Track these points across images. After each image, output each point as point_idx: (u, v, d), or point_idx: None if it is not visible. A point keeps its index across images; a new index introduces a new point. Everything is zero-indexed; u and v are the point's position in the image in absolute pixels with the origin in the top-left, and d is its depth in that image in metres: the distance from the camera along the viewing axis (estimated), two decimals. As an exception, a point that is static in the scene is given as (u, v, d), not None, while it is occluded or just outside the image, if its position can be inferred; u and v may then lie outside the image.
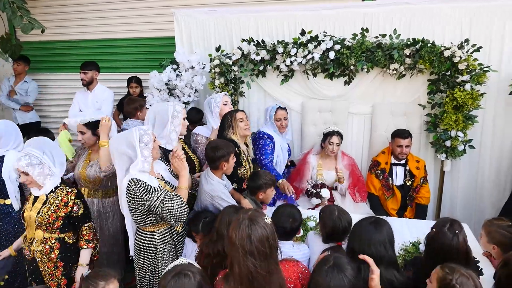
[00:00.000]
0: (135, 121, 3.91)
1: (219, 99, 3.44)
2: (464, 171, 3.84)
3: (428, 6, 3.56)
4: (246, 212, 1.71)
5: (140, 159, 2.30)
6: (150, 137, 2.35)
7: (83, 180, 2.97)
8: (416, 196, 3.57)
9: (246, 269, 1.62)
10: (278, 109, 3.60)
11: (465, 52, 3.35)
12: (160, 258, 2.44)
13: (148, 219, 2.37)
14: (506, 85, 3.48)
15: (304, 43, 3.69)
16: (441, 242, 1.97)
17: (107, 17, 5.10)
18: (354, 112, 3.95)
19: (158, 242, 2.43)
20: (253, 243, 1.61)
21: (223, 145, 2.72)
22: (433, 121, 3.65)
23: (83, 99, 4.44)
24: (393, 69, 3.59)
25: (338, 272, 1.57)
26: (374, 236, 1.91)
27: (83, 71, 4.33)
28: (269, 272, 1.64)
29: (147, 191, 2.27)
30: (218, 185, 2.69)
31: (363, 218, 2.03)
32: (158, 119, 2.84)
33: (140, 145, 2.31)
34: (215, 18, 4.03)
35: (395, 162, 3.59)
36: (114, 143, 2.41)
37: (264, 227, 1.65)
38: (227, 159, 2.69)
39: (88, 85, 4.40)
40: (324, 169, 3.66)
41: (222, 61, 3.86)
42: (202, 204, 2.73)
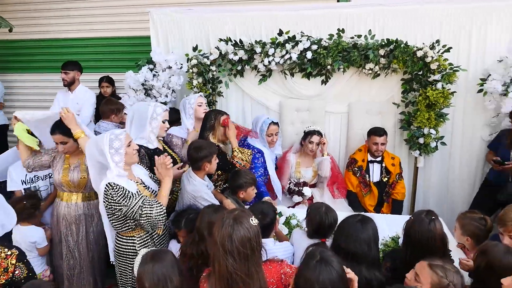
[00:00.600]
0: (108, 123, 3.84)
1: (193, 100, 3.41)
2: (436, 167, 3.99)
3: (401, 8, 3.67)
4: (232, 212, 1.70)
5: (111, 166, 2.24)
6: (122, 142, 2.28)
7: (66, 185, 2.86)
8: (392, 192, 3.68)
9: (225, 269, 1.61)
10: (270, 124, 3.48)
11: (436, 52, 3.48)
12: None
13: (126, 225, 2.32)
14: (474, 84, 3.64)
15: (282, 43, 3.72)
16: (419, 230, 2.05)
17: (80, 15, 4.98)
18: (331, 111, 4.02)
19: (138, 247, 2.37)
20: (234, 243, 1.60)
21: (206, 145, 2.70)
22: (407, 119, 3.78)
23: (64, 99, 4.31)
24: (369, 69, 3.68)
25: (326, 265, 1.58)
26: (360, 234, 1.95)
27: (64, 71, 4.20)
28: (249, 275, 1.63)
29: (125, 196, 2.21)
30: (200, 185, 2.68)
31: (351, 216, 2.06)
32: (136, 118, 2.81)
33: (110, 151, 2.24)
34: (192, 17, 4.01)
35: (372, 159, 3.69)
36: (87, 148, 2.34)
37: (248, 228, 1.63)
38: (210, 159, 2.68)
39: (69, 85, 4.26)
40: (302, 167, 3.72)
41: (199, 61, 3.85)
42: (184, 205, 2.71)
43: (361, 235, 1.95)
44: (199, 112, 3.40)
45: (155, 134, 2.86)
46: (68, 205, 2.89)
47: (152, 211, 2.22)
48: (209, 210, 2.32)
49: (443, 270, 1.66)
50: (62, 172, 2.85)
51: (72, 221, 2.89)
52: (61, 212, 2.89)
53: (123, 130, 2.40)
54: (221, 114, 3.16)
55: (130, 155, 2.34)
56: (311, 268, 1.60)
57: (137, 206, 2.21)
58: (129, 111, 2.89)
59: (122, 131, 2.37)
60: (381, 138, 3.57)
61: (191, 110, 3.39)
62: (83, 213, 2.91)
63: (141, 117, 2.80)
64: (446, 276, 1.64)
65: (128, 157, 2.32)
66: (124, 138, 2.31)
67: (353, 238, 1.94)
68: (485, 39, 3.62)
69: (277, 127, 3.55)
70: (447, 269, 1.66)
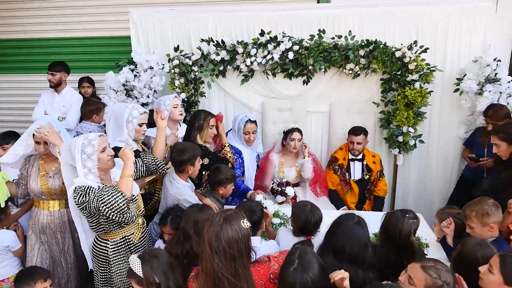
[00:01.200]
0: (89, 124, 3.77)
1: (168, 102, 3.33)
2: (415, 164, 4.10)
3: (379, 10, 3.76)
4: (225, 211, 1.71)
5: (81, 171, 2.16)
6: (95, 148, 2.18)
7: (47, 193, 2.72)
8: (375, 189, 3.76)
9: (211, 268, 1.62)
10: (247, 122, 3.46)
11: (414, 53, 3.57)
12: (114, 269, 2.33)
13: (100, 227, 2.27)
14: (450, 84, 3.75)
15: (264, 44, 3.75)
16: (393, 225, 2.15)
17: (60, 15, 4.88)
18: (312, 110, 4.07)
19: (110, 252, 2.32)
20: (221, 242, 1.60)
21: (189, 148, 2.68)
22: (387, 118, 3.86)
23: (50, 101, 4.20)
24: (349, 69, 3.74)
25: (305, 271, 1.62)
26: (358, 236, 1.95)
27: (51, 72, 4.09)
28: (235, 276, 1.62)
29: (85, 193, 2.12)
30: (184, 187, 2.67)
31: (345, 216, 2.06)
32: (113, 120, 2.77)
33: (82, 156, 2.16)
34: (173, 17, 3.98)
35: (352, 157, 3.75)
36: (62, 151, 2.27)
37: (237, 229, 1.63)
38: (193, 162, 2.67)
39: (56, 87, 4.15)
40: (285, 166, 3.75)
41: (181, 61, 3.83)
42: (168, 207, 2.70)
43: (359, 236, 1.95)
44: (175, 114, 3.34)
45: (132, 137, 2.80)
46: (50, 213, 2.76)
47: (108, 197, 2.08)
48: (193, 210, 2.32)
49: (436, 270, 1.69)
50: (40, 181, 2.70)
51: (56, 229, 2.77)
52: (44, 221, 2.76)
53: (97, 135, 2.28)
54: (211, 116, 3.16)
55: (103, 161, 2.24)
56: (288, 273, 1.64)
57: (96, 198, 2.09)
58: (107, 112, 2.82)
59: (96, 136, 2.25)
60: (358, 137, 3.63)
61: (166, 112, 3.31)
62: (67, 220, 2.79)
63: (118, 119, 2.74)
64: (439, 277, 1.67)
65: (101, 163, 2.23)
66: (97, 143, 2.21)
67: (351, 240, 1.94)
68: (460, 40, 3.74)
69: (254, 125, 3.51)
70: (439, 269, 1.69)
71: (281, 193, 3.50)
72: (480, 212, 2.26)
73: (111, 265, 2.33)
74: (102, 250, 2.34)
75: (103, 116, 3.80)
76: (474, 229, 2.29)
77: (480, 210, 2.27)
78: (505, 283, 1.73)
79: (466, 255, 1.98)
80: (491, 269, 1.79)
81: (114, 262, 2.33)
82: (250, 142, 3.54)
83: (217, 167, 2.98)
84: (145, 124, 2.86)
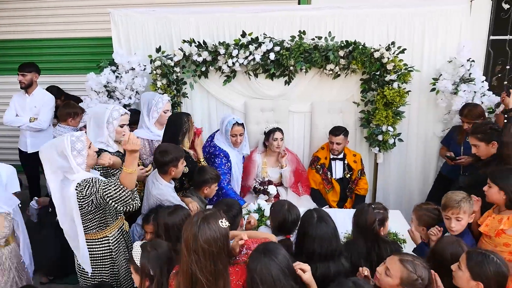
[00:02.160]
0: (64, 127, 3.74)
1: (161, 105, 3.31)
2: (395, 163, 4.19)
3: (359, 11, 3.83)
4: (204, 211, 1.73)
5: (74, 166, 2.18)
6: (84, 144, 2.22)
7: None
8: (356, 188, 3.83)
9: (188, 267, 1.64)
10: (234, 125, 3.45)
11: (392, 53, 3.65)
12: (117, 263, 2.41)
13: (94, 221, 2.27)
14: (427, 84, 3.85)
15: (245, 45, 3.78)
16: (362, 217, 2.21)
17: (40, 15, 4.81)
18: (294, 110, 4.13)
19: (113, 246, 2.38)
20: (199, 242, 1.61)
21: (172, 149, 2.68)
22: (366, 117, 3.94)
23: (21, 102, 4.15)
24: (329, 70, 3.81)
25: (268, 258, 1.64)
26: (321, 233, 2.00)
27: (22, 73, 4.05)
28: (213, 274, 1.64)
29: (92, 184, 2.16)
30: (166, 188, 2.68)
31: (308, 214, 2.10)
32: (94, 121, 2.74)
33: (73, 153, 2.18)
34: (155, 18, 3.97)
35: (334, 156, 3.82)
36: (44, 154, 2.25)
37: (215, 230, 1.64)
38: (176, 164, 2.68)
39: (27, 88, 4.11)
40: (268, 166, 3.79)
41: (163, 62, 3.83)
42: (151, 207, 2.71)
43: (324, 234, 2.00)
44: (164, 118, 3.32)
45: (113, 138, 2.79)
46: None
47: (110, 190, 2.13)
48: (164, 213, 2.35)
49: (413, 265, 1.74)
50: None
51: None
52: None
53: (82, 132, 2.32)
54: (190, 116, 3.18)
55: (91, 156, 2.29)
56: (253, 259, 1.67)
57: (101, 190, 2.14)
58: (87, 114, 2.81)
59: (82, 133, 2.29)
60: (337, 138, 3.68)
61: (156, 114, 3.32)
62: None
63: (99, 121, 2.73)
64: (415, 271, 1.72)
65: (89, 159, 2.27)
66: (85, 139, 2.26)
67: (319, 241, 1.98)
68: (436, 41, 3.84)
69: (241, 128, 3.51)
70: (416, 264, 1.74)
71: (264, 192, 3.54)
72: (469, 203, 2.31)
73: (114, 260, 2.40)
74: (105, 248, 2.37)
75: (79, 121, 3.79)
76: (461, 221, 2.30)
77: (468, 200, 2.31)
78: (472, 278, 1.79)
79: (438, 254, 2.03)
80: (460, 265, 1.85)
81: (118, 255, 2.41)
82: (237, 144, 3.54)
83: (202, 167, 3.02)
84: (126, 125, 2.84)
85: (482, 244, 2.46)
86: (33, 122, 4.08)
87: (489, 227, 2.39)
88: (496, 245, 2.36)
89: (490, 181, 2.39)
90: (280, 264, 1.64)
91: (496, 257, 1.80)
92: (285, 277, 1.64)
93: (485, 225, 2.40)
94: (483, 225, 2.41)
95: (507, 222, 2.31)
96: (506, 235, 2.32)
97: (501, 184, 2.33)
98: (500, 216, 2.37)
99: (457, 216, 2.30)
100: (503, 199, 2.35)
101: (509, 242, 2.32)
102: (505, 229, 2.31)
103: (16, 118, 4.12)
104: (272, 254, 1.66)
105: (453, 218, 2.31)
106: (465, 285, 1.83)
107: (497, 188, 2.35)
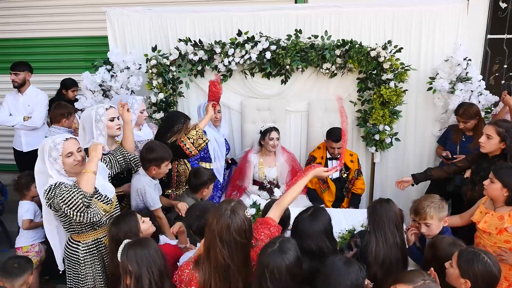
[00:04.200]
0: (58, 128, 3.71)
1: (137, 106, 3.17)
2: (392, 162, 4.18)
3: (355, 10, 3.81)
4: (229, 203, 1.76)
5: (53, 172, 2.14)
6: (59, 152, 2.13)
7: None
8: (352, 188, 3.82)
9: (222, 259, 1.68)
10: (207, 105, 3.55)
11: (388, 52, 3.64)
12: (85, 271, 2.30)
13: (71, 227, 2.24)
14: (424, 83, 3.83)
15: (241, 44, 3.76)
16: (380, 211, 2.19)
17: (35, 14, 4.79)
18: (291, 109, 4.11)
19: (82, 254, 2.28)
20: (231, 234, 1.67)
21: (159, 149, 2.66)
22: (363, 116, 3.93)
23: (13, 102, 4.13)
24: (326, 69, 3.79)
25: (280, 254, 1.67)
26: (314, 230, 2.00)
27: (14, 72, 4.02)
28: (244, 262, 1.71)
29: (53, 189, 2.07)
30: (144, 178, 2.68)
31: (303, 214, 2.10)
32: (86, 126, 2.68)
33: (49, 159, 2.13)
34: (150, 17, 3.96)
35: (330, 156, 3.80)
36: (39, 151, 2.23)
37: (243, 219, 1.71)
38: (159, 164, 2.66)
39: (20, 87, 4.09)
40: (265, 166, 3.78)
41: (159, 61, 3.81)
42: (133, 203, 2.70)
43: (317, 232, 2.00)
44: (142, 119, 3.22)
45: (105, 136, 2.68)
46: None
47: (63, 191, 2.03)
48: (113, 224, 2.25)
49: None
50: None
51: None
52: None
53: (63, 138, 2.20)
54: (189, 119, 3.12)
55: (69, 165, 2.18)
56: (265, 255, 1.69)
57: (56, 196, 2.04)
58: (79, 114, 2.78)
59: (62, 140, 2.18)
60: (338, 143, 3.59)
61: (134, 116, 3.08)
62: None
63: (87, 124, 2.67)
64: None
65: (67, 167, 2.18)
66: (62, 148, 2.15)
67: (310, 236, 1.99)
68: (433, 40, 3.82)
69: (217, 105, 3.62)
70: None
71: (269, 190, 3.59)
72: (437, 208, 2.32)
73: (81, 267, 2.30)
74: (73, 252, 2.31)
75: (73, 121, 3.76)
76: (430, 226, 2.32)
77: (435, 205, 2.32)
78: (461, 275, 1.79)
79: (441, 257, 2.00)
80: (452, 263, 1.86)
81: (85, 264, 2.30)
82: (217, 121, 3.64)
83: (196, 170, 3.01)
84: (116, 118, 2.74)
85: (479, 240, 2.45)
86: (27, 121, 4.07)
87: (488, 223, 2.38)
88: (495, 242, 2.36)
89: (494, 177, 2.36)
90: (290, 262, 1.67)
91: (488, 258, 1.80)
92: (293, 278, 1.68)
93: (484, 222, 2.39)
94: (482, 222, 2.40)
95: (509, 219, 2.30)
96: (508, 233, 2.32)
97: (506, 181, 2.31)
98: (499, 213, 2.35)
99: (425, 222, 2.33)
100: (504, 196, 2.33)
101: (510, 239, 2.32)
102: (508, 227, 2.30)
103: (9, 118, 4.10)
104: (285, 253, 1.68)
105: (422, 224, 2.35)
106: (455, 283, 1.84)
107: (500, 185, 2.32)
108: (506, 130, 2.71)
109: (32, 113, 4.09)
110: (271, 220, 2.01)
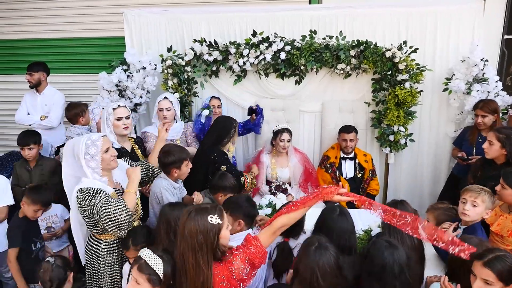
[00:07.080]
0: (78, 128, 3.80)
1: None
2: (406, 163, 4.16)
3: (370, 11, 3.81)
4: (201, 204, 1.82)
5: (87, 172, 2.19)
6: (98, 149, 2.20)
7: None
8: (368, 188, 3.81)
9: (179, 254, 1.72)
10: (212, 98, 3.86)
11: (403, 53, 3.63)
12: (104, 269, 2.33)
13: (96, 227, 2.27)
14: (440, 83, 3.81)
15: (256, 44, 3.78)
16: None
17: (54, 15, 4.86)
18: (305, 110, 4.12)
19: (102, 252, 2.31)
20: (184, 231, 1.69)
21: (176, 151, 2.67)
22: (378, 117, 3.92)
23: (31, 101, 4.24)
24: (340, 69, 3.79)
25: (325, 251, 1.74)
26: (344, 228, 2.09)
27: (29, 72, 4.12)
28: (196, 267, 1.66)
29: (91, 196, 2.13)
30: (161, 180, 2.69)
31: (330, 208, 2.17)
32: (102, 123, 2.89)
33: (86, 157, 2.18)
34: (166, 18, 4.01)
35: (344, 156, 3.80)
36: (64, 152, 2.28)
37: (200, 222, 1.68)
38: (179, 166, 2.67)
39: (35, 87, 4.18)
40: (278, 167, 3.79)
41: (174, 61, 3.86)
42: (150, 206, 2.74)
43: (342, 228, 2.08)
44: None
45: (114, 134, 2.92)
46: None
47: (110, 207, 2.09)
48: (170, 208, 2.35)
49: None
50: None
51: None
52: None
53: (100, 135, 2.29)
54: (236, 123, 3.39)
55: (107, 161, 2.25)
56: (311, 254, 1.73)
57: (100, 204, 2.10)
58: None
59: (99, 136, 2.26)
60: (350, 134, 3.68)
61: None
62: None
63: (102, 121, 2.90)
64: None
65: (104, 164, 2.24)
66: (101, 144, 2.22)
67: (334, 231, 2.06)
68: (448, 40, 3.80)
69: (218, 100, 3.91)
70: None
71: (284, 190, 3.61)
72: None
73: (101, 265, 2.33)
74: (94, 249, 2.34)
75: (89, 117, 3.84)
76: (476, 208, 2.29)
77: (490, 194, 2.32)
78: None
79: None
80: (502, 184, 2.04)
81: (105, 263, 2.33)
82: (217, 115, 3.76)
83: (224, 173, 2.99)
84: (124, 118, 2.95)
85: (491, 243, 2.43)
86: (44, 120, 4.15)
87: (501, 226, 2.37)
88: (508, 245, 2.35)
89: (504, 183, 2.36)
90: (335, 256, 1.76)
91: None
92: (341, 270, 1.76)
93: (497, 225, 2.38)
94: (495, 225, 2.40)
95: None
96: None
97: None
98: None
99: (474, 200, 2.29)
100: None
101: None
102: None
103: (27, 117, 4.20)
104: (328, 249, 1.76)
105: (470, 201, 2.31)
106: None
107: (511, 190, 2.33)
108: (507, 136, 2.73)
109: (49, 113, 4.18)
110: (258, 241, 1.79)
